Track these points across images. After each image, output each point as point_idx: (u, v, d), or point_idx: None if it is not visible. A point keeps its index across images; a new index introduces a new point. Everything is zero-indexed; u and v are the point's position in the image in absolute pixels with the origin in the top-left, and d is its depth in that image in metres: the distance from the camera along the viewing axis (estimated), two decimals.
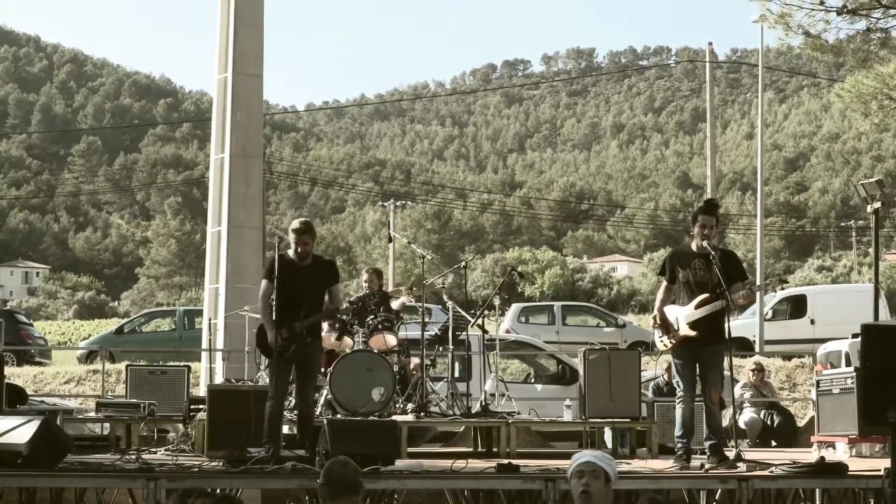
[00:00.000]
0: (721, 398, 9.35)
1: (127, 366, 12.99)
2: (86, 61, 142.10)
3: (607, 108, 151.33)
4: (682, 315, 9.15)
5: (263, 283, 8.96)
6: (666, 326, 9.24)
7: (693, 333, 9.08)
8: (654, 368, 14.92)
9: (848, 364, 16.07)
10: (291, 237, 8.89)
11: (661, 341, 9.34)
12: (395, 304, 12.00)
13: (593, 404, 11.10)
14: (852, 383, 10.88)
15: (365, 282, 12.16)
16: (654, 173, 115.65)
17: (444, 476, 8.62)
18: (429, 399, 11.25)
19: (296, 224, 9.04)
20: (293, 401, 10.84)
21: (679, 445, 9.23)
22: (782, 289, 25.33)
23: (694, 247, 9.28)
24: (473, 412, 11.30)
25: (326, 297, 9.03)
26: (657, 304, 9.46)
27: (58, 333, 50.52)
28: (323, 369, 11.09)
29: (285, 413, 9.46)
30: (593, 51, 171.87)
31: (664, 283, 9.50)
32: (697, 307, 9.08)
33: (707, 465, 8.87)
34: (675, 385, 9.45)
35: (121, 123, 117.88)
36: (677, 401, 9.34)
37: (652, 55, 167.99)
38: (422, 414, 10.99)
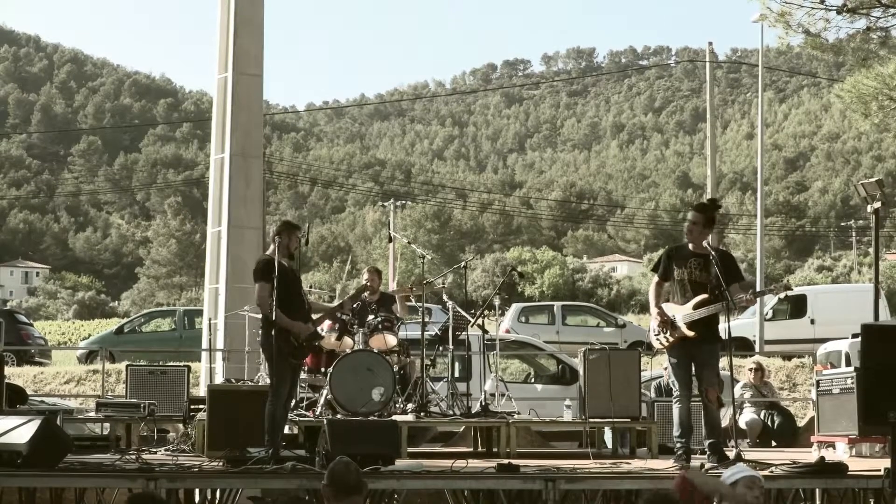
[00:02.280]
0: (719, 397, 9.34)
1: (127, 366, 12.98)
2: (86, 61, 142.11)
3: (607, 108, 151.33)
4: (679, 314, 9.13)
5: (263, 285, 8.79)
6: (668, 321, 9.21)
7: (691, 334, 9.07)
8: (652, 368, 14.90)
9: (848, 364, 16.06)
10: (290, 234, 8.91)
11: (658, 339, 9.32)
12: (399, 310, 11.97)
13: (593, 404, 11.09)
14: (852, 383, 10.88)
15: (366, 281, 12.15)
16: (654, 173, 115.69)
17: (444, 476, 8.62)
18: (429, 399, 11.24)
19: (292, 221, 9.13)
20: (293, 400, 10.88)
21: (678, 445, 9.24)
22: (786, 296, 25.51)
23: (691, 246, 9.26)
24: (473, 412, 11.29)
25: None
26: (653, 300, 9.44)
27: (58, 333, 50.54)
28: (323, 369, 11.10)
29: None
30: (593, 51, 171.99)
31: (655, 279, 9.50)
32: (696, 307, 9.07)
33: (707, 465, 8.87)
34: (671, 385, 9.45)
35: (121, 123, 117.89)
36: (674, 401, 9.35)
37: (652, 55, 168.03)
38: (422, 414, 10.98)
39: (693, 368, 9.23)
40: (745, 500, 5.94)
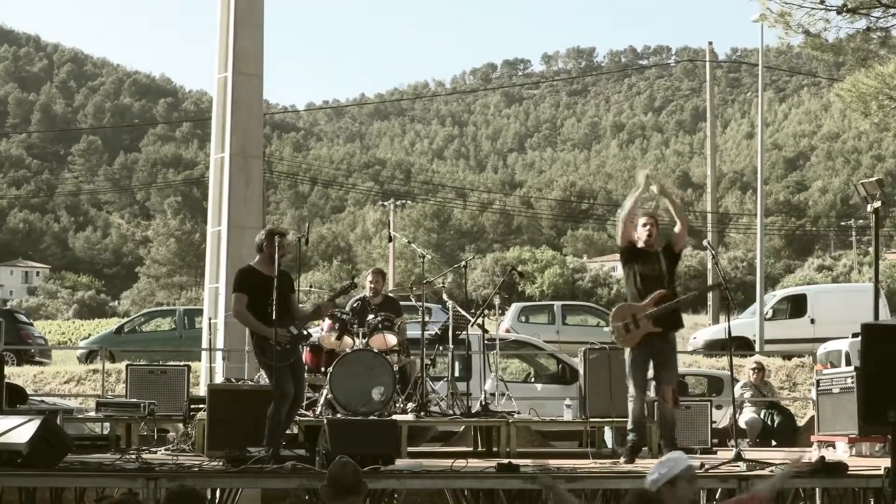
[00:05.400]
0: (675, 397, 9.54)
1: (127, 365, 12.98)
2: (86, 61, 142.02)
3: (607, 108, 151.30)
4: (641, 312, 9.32)
5: (239, 294, 9.00)
6: (632, 319, 9.36)
7: (658, 330, 9.31)
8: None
9: (848, 363, 16.07)
10: (279, 241, 8.97)
11: (623, 338, 9.49)
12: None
13: (593, 404, 11.10)
14: (852, 383, 10.88)
15: (370, 282, 12.11)
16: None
17: (444, 476, 8.62)
18: (429, 398, 11.24)
19: (279, 229, 9.27)
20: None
21: (629, 439, 9.52)
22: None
23: (643, 245, 9.59)
24: (473, 412, 11.30)
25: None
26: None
27: (58, 333, 50.51)
28: (323, 369, 11.10)
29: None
30: (593, 50, 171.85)
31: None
32: (657, 303, 9.29)
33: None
34: (627, 383, 9.62)
35: (121, 123, 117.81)
36: (629, 399, 9.56)
37: (652, 55, 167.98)
38: (422, 413, 10.98)
39: (651, 367, 9.44)
40: (687, 498, 5.68)
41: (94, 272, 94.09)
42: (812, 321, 25.64)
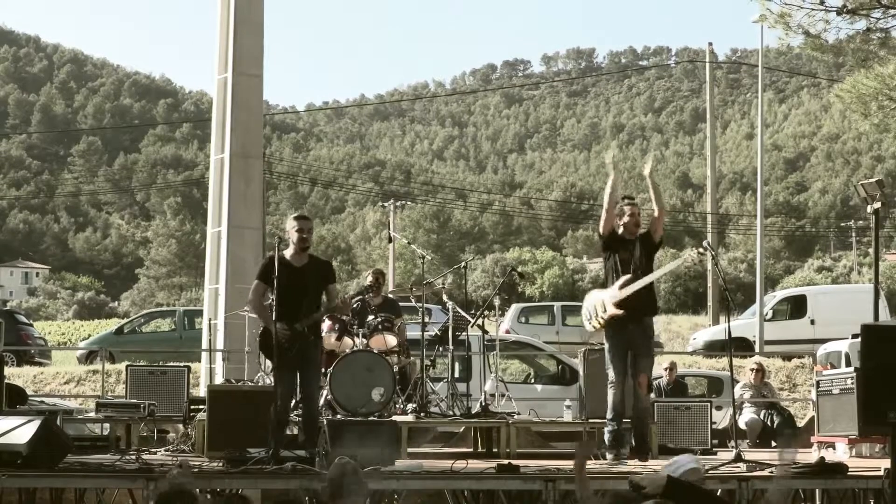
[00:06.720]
0: (649, 384, 9.69)
1: (127, 366, 12.99)
2: (86, 61, 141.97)
3: (607, 109, 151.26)
4: (608, 297, 9.49)
5: (256, 283, 8.98)
6: (599, 301, 9.54)
7: (620, 312, 9.40)
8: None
9: (848, 364, 16.09)
10: (294, 226, 8.89)
11: (590, 323, 9.69)
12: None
13: (593, 404, 11.10)
14: (852, 383, 10.89)
15: (369, 282, 12.12)
16: (654, 173, 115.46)
17: (444, 476, 8.62)
18: (429, 399, 11.25)
19: (296, 213, 9.18)
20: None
21: (609, 429, 9.58)
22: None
23: (623, 233, 9.78)
24: (473, 412, 11.30)
25: (324, 297, 9.02)
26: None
27: (58, 334, 50.51)
28: (323, 369, 11.10)
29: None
30: (593, 51, 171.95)
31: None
32: (621, 288, 9.43)
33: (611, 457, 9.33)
34: (607, 370, 9.64)
35: (121, 123, 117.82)
36: (609, 385, 9.61)
37: (652, 55, 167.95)
38: (422, 414, 10.99)
39: (629, 355, 9.53)
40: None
41: (94, 273, 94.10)
42: (812, 322, 25.66)
